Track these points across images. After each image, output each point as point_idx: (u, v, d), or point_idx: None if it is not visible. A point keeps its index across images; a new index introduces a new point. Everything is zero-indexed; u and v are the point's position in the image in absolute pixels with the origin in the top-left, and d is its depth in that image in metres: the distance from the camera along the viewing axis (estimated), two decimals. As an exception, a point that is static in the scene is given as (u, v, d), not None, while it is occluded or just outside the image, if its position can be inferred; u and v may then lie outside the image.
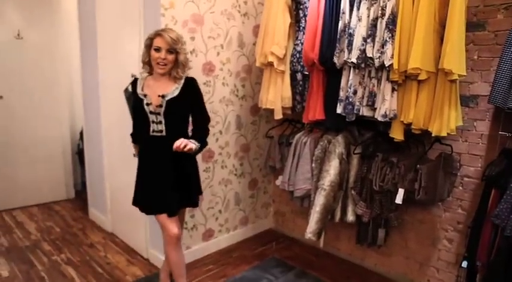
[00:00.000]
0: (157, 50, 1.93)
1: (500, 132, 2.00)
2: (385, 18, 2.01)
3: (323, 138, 2.45)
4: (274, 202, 3.50)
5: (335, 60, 2.24)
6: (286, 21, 2.53)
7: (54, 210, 3.80)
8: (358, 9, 2.13)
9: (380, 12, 2.03)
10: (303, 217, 3.02)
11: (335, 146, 2.36)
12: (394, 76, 2.01)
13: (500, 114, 2.05)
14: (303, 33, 2.48)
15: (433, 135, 2.03)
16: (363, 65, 2.13)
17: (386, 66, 2.01)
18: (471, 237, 1.98)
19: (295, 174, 2.54)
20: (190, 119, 2.14)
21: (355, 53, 2.12)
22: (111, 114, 3.05)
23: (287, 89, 2.61)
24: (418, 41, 1.90)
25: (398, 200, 2.15)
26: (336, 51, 2.23)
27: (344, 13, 2.21)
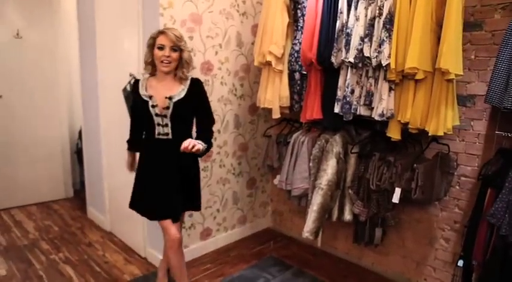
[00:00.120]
0: (161, 48, 1.88)
1: (496, 131, 2.00)
2: (383, 18, 2.01)
3: (321, 138, 2.45)
4: (272, 201, 3.51)
5: (333, 59, 2.25)
6: (285, 20, 2.54)
7: (52, 209, 3.81)
8: (356, 8, 2.14)
9: (377, 11, 2.04)
10: (301, 216, 3.03)
11: (332, 145, 2.36)
12: (391, 75, 2.01)
13: (496, 114, 2.05)
14: (301, 33, 2.48)
15: (429, 135, 2.04)
16: (361, 64, 2.13)
17: (384, 65, 2.01)
18: (467, 236, 1.99)
19: (293, 174, 2.55)
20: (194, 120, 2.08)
21: (353, 52, 2.13)
22: (110, 113, 3.05)
23: (285, 88, 2.62)
24: (415, 40, 1.91)
25: (395, 199, 2.16)
26: (334, 51, 2.24)
27: (342, 13, 2.21)
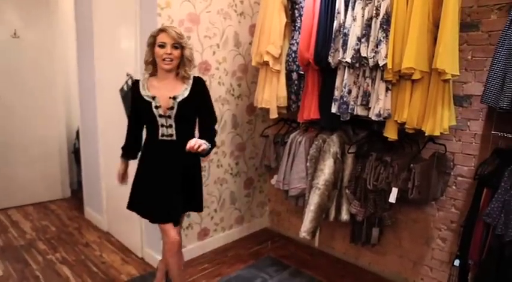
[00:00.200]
0: (162, 46, 1.83)
1: (492, 131, 2.00)
2: (380, 18, 2.02)
3: (318, 138, 2.46)
4: (269, 201, 3.51)
5: (330, 59, 2.25)
6: (282, 20, 2.54)
7: (49, 209, 3.80)
8: (353, 9, 2.14)
9: (374, 12, 2.05)
10: (298, 216, 3.03)
11: (330, 145, 2.37)
12: (388, 76, 2.02)
13: (493, 114, 2.06)
14: (299, 33, 2.49)
15: (426, 135, 2.04)
16: (358, 64, 2.14)
17: (381, 65, 2.02)
18: (463, 236, 1.99)
19: (290, 174, 2.55)
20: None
21: (350, 52, 2.13)
22: (108, 113, 3.05)
23: (282, 88, 2.62)
24: (412, 40, 1.91)
25: (392, 199, 2.16)
26: (331, 51, 2.25)
27: (339, 13, 2.22)
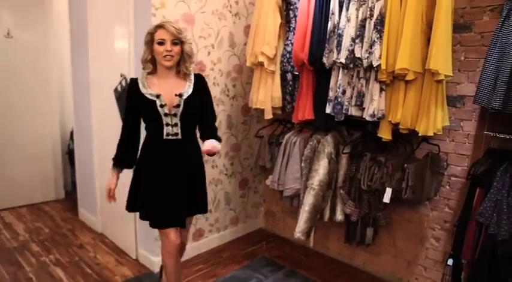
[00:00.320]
0: (162, 43, 1.76)
1: (485, 132, 2.02)
2: (374, 19, 2.03)
3: (312, 138, 2.46)
4: (264, 202, 3.51)
5: (324, 60, 2.26)
6: (277, 21, 2.55)
7: (43, 211, 3.76)
8: (347, 9, 2.15)
9: (368, 13, 2.06)
10: (293, 217, 3.03)
11: (324, 145, 2.37)
12: (382, 76, 2.03)
13: (485, 114, 2.07)
14: (293, 34, 2.49)
15: (420, 135, 2.06)
16: (352, 65, 2.15)
17: (375, 66, 2.03)
18: (456, 235, 2.01)
19: (285, 174, 2.55)
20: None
21: (344, 53, 2.14)
22: (102, 114, 3.03)
23: (277, 89, 2.62)
24: (406, 41, 1.93)
25: (386, 199, 2.17)
26: (325, 52, 2.25)
27: (333, 14, 2.23)
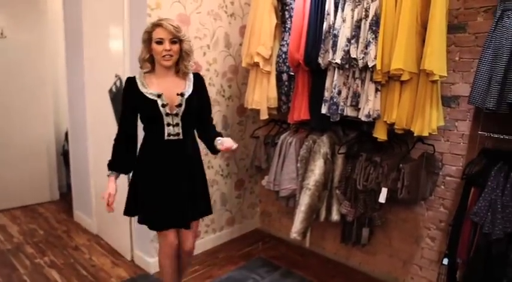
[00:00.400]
0: (160, 42, 1.71)
1: (479, 132, 2.03)
2: (369, 20, 2.04)
3: (308, 138, 2.47)
4: (260, 202, 3.51)
5: (320, 60, 2.27)
6: (272, 22, 2.55)
7: (37, 213, 3.73)
8: (343, 10, 2.16)
9: (364, 13, 2.06)
10: (289, 217, 3.02)
11: (320, 146, 2.38)
12: (378, 77, 2.04)
13: (480, 115, 2.09)
14: (289, 34, 2.50)
15: (415, 135, 2.07)
16: (347, 65, 2.15)
17: (370, 67, 2.04)
18: (452, 234, 2.02)
19: (281, 174, 2.55)
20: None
21: (340, 53, 2.15)
22: (97, 114, 3.01)
23: (273, 89, 2.62)
24: (401, 42, 1.94)
25: (382, 199, 2.18)
26: (321, 52, 2.26)
27: (329, 14, 2.23)
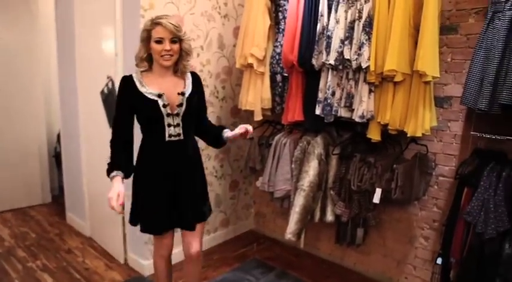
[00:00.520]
0: (160, 41, 1.63)
1: (472, 132, 2.05)
2: (362, 21, 2.05)
3: (302, 139, 2.47)
4: (255, 203, 3.50)
5: (313, 62, 2.27)
6: (266, 23, 2.55)
7: (29, 216, 3.68)
8: (336, 11, 2.17)
9: (357, 15, 2.07)
10: (284, 218, 3.03)
11: (314, 147, 2.38)
12: (371, 78, 2.05)
13: (472, 115, 2.10)
14: (283, 35, 2.50)
15: (408, 136, 2.08)
16: (341, 66, 2.16)
17: (363, 68, 2.05)
18: (445, 234, 2.03)
19: (275, 175, 2.55)
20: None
21: (333, 55, 2.16)
22: (90, 116, 2.99)
23: (267, 90, 2.62)
24: (394, 43, 1.95)
25: (376, 199, 2.19)
26: (315, 53, 2.26)
27: (322, 15, 2.24)
